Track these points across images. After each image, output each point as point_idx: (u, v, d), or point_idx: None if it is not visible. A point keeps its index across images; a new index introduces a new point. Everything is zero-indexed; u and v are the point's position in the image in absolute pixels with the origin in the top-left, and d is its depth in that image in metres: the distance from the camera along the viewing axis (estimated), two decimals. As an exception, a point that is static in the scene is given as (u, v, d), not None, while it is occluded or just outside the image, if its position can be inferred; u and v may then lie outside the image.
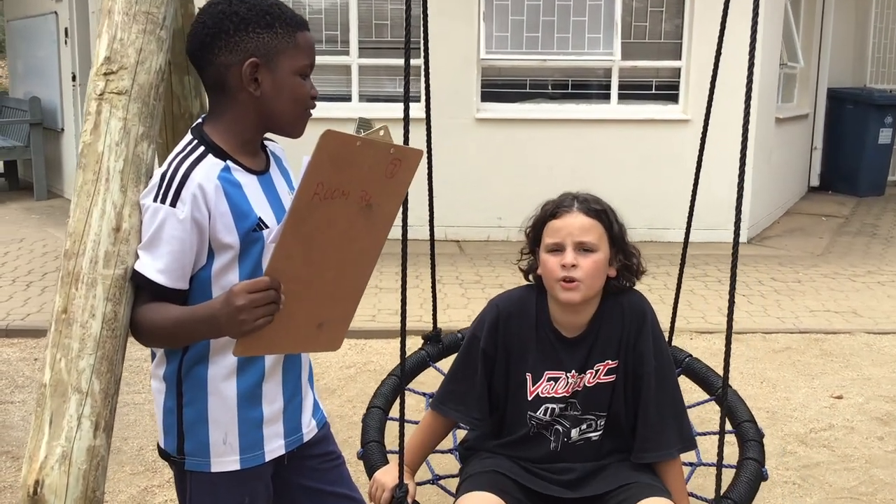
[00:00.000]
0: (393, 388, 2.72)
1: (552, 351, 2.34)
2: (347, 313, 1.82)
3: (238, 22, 1.77)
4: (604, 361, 2.34)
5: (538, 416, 2.36)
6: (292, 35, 1.81)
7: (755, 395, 4.58)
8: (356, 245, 1.73)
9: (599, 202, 2.34)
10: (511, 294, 2.45)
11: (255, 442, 1.92)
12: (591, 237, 2.25)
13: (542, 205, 2.38)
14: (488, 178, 7.98)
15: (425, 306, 5.93)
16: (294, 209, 1.57)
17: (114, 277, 1.76)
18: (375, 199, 1.69)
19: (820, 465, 3.84)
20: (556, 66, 8.15)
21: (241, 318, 1.59)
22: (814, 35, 10.20)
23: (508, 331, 2.36)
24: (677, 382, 2.43)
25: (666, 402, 2.35)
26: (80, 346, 1.73)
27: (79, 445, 1.71)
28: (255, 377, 1.90)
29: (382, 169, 1.67)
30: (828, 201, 10.24)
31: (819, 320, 5.84)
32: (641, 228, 7.97)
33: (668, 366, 2.38)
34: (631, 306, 2.35)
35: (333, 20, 8.02)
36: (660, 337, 2.38)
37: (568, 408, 2.35)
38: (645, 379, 2.33)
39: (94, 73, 1.84)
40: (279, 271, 1.60)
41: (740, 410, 2.70)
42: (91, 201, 1.78)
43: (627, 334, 2.34)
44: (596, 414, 2.36)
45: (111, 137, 1.80)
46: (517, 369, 2.36)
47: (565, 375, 2.34)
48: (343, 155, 1.57)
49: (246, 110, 1.81)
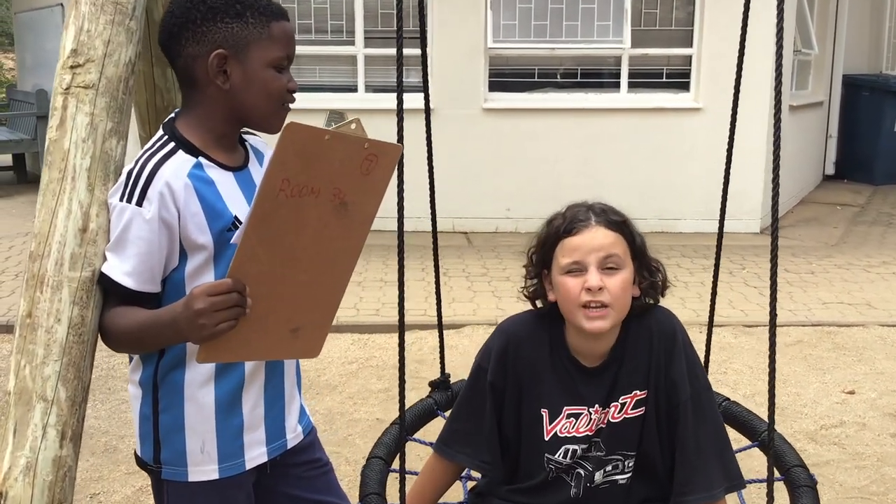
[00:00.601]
0: (395, 438, 2.46)
1: (571, 383, 2.05)
2: (326, 318, 1.72)
3: (206, 11, 1.68)
4: (631, 393, 2.03)
5: (557, 458, 2.06)
6: (265, 25, 1.71)
7: (765, 390, 4.47)
8: (332, 246, 1.63)
9: (617, 212, 2.03)
10: (520, 318, 2.14)
11: (234, 450, 1.85)
12: (617, 255, 1.95)
13: (548, 220, 2.06)
14: (496, 169, 7.89)
15: (430, 300, 5.86)
16: (256, 207, 1.47)
17: (80, 280, 1.69)
18: (350, 198, 1.59)
19: (830, 463, 3.74)
20: (564, 54, 8.04)
21: (201, 323, 1.50)
22: (828, 21, 10.03)
23: (519, 361, 2.07)
24: (717, 410, 2.13)
25: (706, 434, 2.03)
26: (45, 353, 1.66)
27: (44, 456, 1.64)
28: (235, 383, 1.82)
29: (357, 165, 1.56)
30: (843, 190, 10.09)
31: (832, 312, 5.73)
32: (652, 219, 7.87)
33: (705, 391, 2.07)
34: (659, 326, 2.05)
35: (339, 10, 7.94)
36: (694, 358, 2.06)
37: (591, 448, 2.06)
38: (681, 409, 2.01)
39: (61, 67, 1.76)
40: (243, 273, 1.51)
41: (788, 455, 2.43)
42: (56, 201, 1.70)
43: (657, 359, 2.03)
44: (623, 454, 2.06)
45: (77, 134, 1.72)
46: (531, 405, 2.07)
47: (587, 411, 2.04)
48: (310, 150, 1.47)
49: (216, 104, 1.72)
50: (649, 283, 2.03)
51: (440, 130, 7.70)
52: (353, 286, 6.11)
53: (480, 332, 5.24)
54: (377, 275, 6.36)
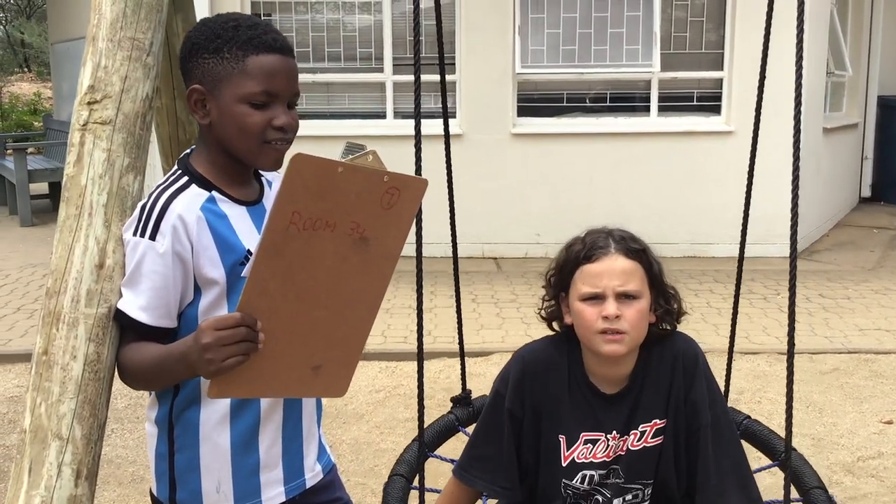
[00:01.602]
0: (417, 455, 2.45)
1: (589, 409, 2.06)
2: (350, 356, 1.66)
3: (190, 47, 1.69)
4: (650, 421, 2.04)
5: (574, 484, 2.08)
6: (240, 60, 1.66)
7: (800, 420, 4.38)
8: (352, 282, 1.57)
9: (637, 239, 2.03)
10: (538, 345, 2.15)
11: (251, 490, 1.82)
12: (634, 284, 1.96)
13: (568, 245, 2.07)
14: (526, 194, 7.86)
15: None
16: (265, 239, 1.43)
17: (97, 317, 1.68)
18: (371, 233, 1.53)
19: (868, 496, 3.63)
20: (593, 78, 8.02)
21: (208, 357, 1.47)
22: (862, 42, 9.92)
23: (537, 388, 2.08)
24: (737, 434, 2.14)
25: (726, 459, 2.04)
26: (60, 390, 1.65)
27: (59, 495, 1.62)
28: (251, 421, 1.79)
29: (377, 199, 1.50)
30: (879, 212, 9.93)
31: (869, 339, 5.60)
32: (684, 244, 7.79)
33: (724, 415, 2.08)
34: (680, 353, 2.05)
35: (368, 38, 7.99)
36: (713, 383, 2.08)
37: (610, 475, 2.07)
38: (701, 434, 2.03)
39: (78, 103, 1.76)
40: (254, 307, 1.47)
41: (808, 476, 2.40)
42: (73, 237, 1.70)
43: (678, 385, 2.04)
44: (643, 483, 2.08)
45: (94, 170, 1.72)
46: (549, 431, 2.08)
47: (605, 437, 2.05)
48: (321, 182, 1.42)
49: (212, 139, 1.73)
50: (665, 311, 2.04)
51: (469, 156, 7.76)
52: (382, 313, 6.06)
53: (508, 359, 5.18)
54: (406, 301, 6.34)
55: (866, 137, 10.33)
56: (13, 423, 4.47)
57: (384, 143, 7.94)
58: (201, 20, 1.74)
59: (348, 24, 8.04)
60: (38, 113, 17.92)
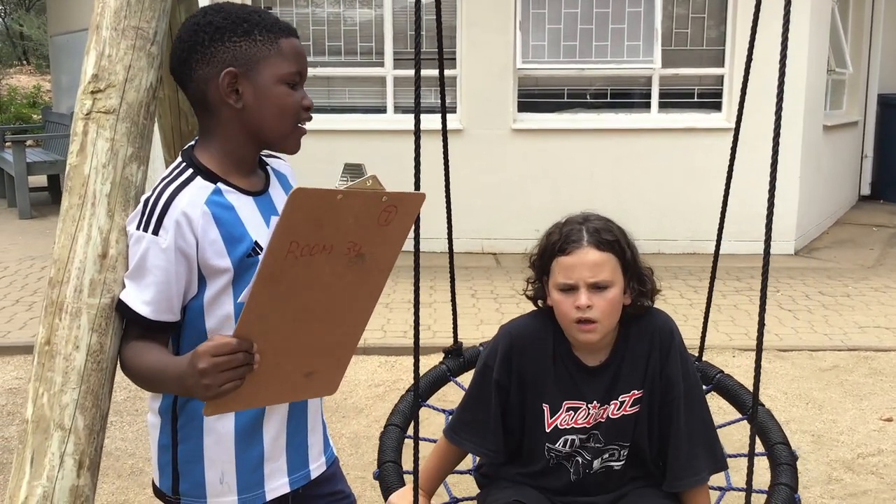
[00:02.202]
0: (411, 405, 2.60)
1: (571, 381, 2.20)
2: (342, 360, 1.66)
3: (213, 32, 1.66)
4: (629, 392, 2.20)
5: (557, 447, 2.23)
6: (274, 41, 1.69)
7: (800, 417, 4.38)
8: (347, 296, 1.56)
9: (610, 229, 2.15)
10: (524, 320, 2.29)
11: (254, 481, 1.82)
12: (605, 274, 2.09)
13: (548, 232, 2.21)
14: (526, 190, 7.84)
15: (459, 323, 5.81)
16: (263, 268, 1.41)
17: (100, 307, 1.67)
18: (367, 249, 1.52)
19: (868, 493, 3.63)
20: (594, 74, 8.00)
21: (205, 383, 1.44)
22: (863, 40, 9.91)
23: (523, 360, 2.22)
24: (706, 401, 2.30)
25: (696, 427, 2.22)
26: (63, 380, 1.64)
27: (61, 485, 1.62)
28: (255, 412, 1.79)
29: (374, 218, 1.49)
30: (879, 211, 9.93)
31: (869, 337, 5.60)
32: (684, 240, 7.79)
33: (696, 386, 2.26)
34: (658, 329, 2.21)
35: (368, 32, 7.96)
36: (686, 357, 2.25)
37: (590, 439, 2.23)
38: (674, 405, 2.20)
39: (82, 92, 1.75)
40: (251, 331, 1.45)
41: (773, 431, 2.52)
42: (76, 226, 1.69)
43: (654, 360, 2.20)
44: (619, 444, 2.24)
45: (97, 159, 1.71)
46: (534, 400, 2.22)
47: (586, 406, 2.20)
48: (321, 212, 1.40)
49: (232, 127, 1.70)
50: (638, 292, 2.17)
51: (469, 151, 7.74)
52: (381, 308, 6.08)
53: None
54: (405, 296, 6.33)
55: (866, 135, 10.32)
56: (12, 414, 4.46)
57: (384, 137, 7.96)
58: (208, 8, 1.71)
59: (349, 19, 8.02)
60: (37, 106, 17.88)
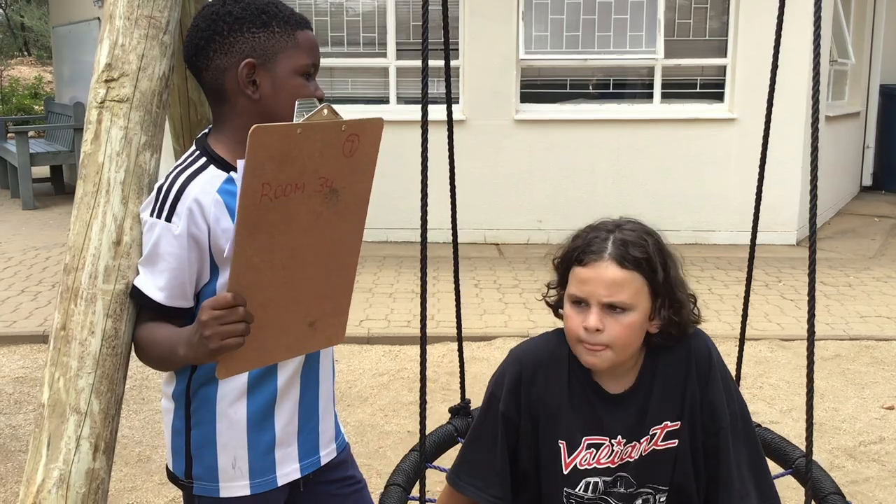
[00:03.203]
0: (414, 465, 2.43)
1: (591, 411, 1.89)
2: (342, 305, 1.70)
3: (232, 22, 1.68)
4: (661, 424, 1.88)
5: (577, 493, 1.91)
6: (291, 33, 1.72)
7: (802, 405, 4.41)
8: (331, 234, 1.60)
9: (642, 244, 1.81)
10: (536, 343, 1.98)
11: (266, 466, 1.84)
12: (624, 296, 1.77)
13: (574, 234, 1.90)
14: (528, 180, 7.87)
15: (463, 312, 5.84)
16: (241, 217, 1.43)
17: (114, 293, 1.69)
18: (339, 183, 1.55)
19: (869, 480, 3.66)
20: (597, 65, 8.01)
21: (206, 334, 1.47)
22: (865, 31, 9.91)
23: (535, 389, 1.91)
24: (753, 428, 1.97)
25: (746, 459, 1.91)
26: (78, 365, 1.66)
27: (77, 468, 1.64)
28: (267, 398, 1.81)
29: (338, 149, 1.52)
30: (881, 201, 9.94)
31: (870, 326, 5.63)
32: (686, 231, 7.80)
33: (742, 412, 1.93)
34: (693, 349, 1.89)
35: (371, 23, 7.97)
36: (729, 378, 1.93)
37: (617, 483, 1.91)
38: (721, 436, 1.88)
39: (95, 81, 1.77)
40: (243, 284, 1.48)
41: (825, 482, 2.35)
42: (91, 214, 1.71)
43: (692, 387, 1.88)
44: (654, 488, 1.91)
45: (112, 147, 1.73)
46: (548, 436, 1.91)
47: (609, 442, 1.88)
48: (284, 148, 1.42)
49: (246, 116, 1.72)
50: (669, 322, 1.84)
51: (472, 141, 7.76)
52: (385, 297, 6.11)
53: (511, 343, 5.16)
54: (408, 286, 6.36)
55: (868, 126, 10.33)
56: (19, 403, 4.49)
57: (387, 128, 7.94)
58: None
59: (351, 9, 8.02)
60: (39, 97, 17.88)
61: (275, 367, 1.79)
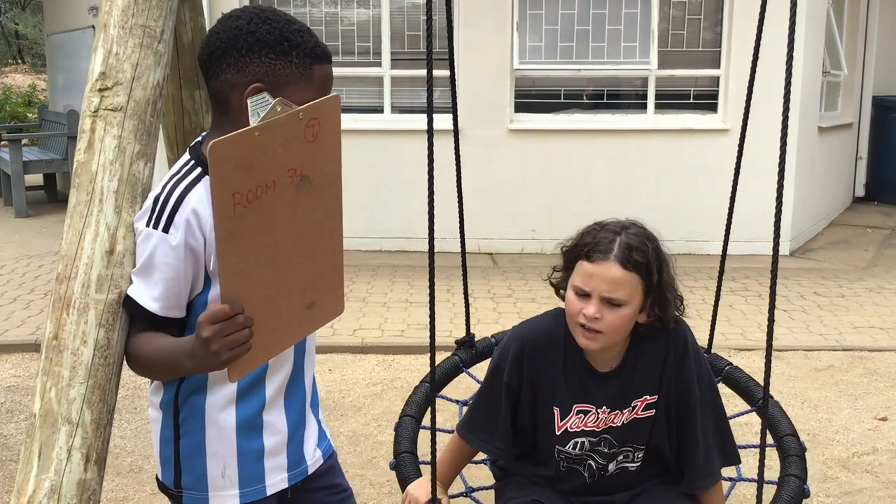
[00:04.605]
0: (425, 396, 2.63)
1: (582, 385, 2.18)
2: (336, 279, 1.71)
3: (252, 42, 1.66)
4: (641, 397, 2.18)
5: (567, 450, 2.22)
6: (308, 67, 1.69)
7: (795, 416, 4.40)
8: (311, 220, 1.60)
9: (643, 250, 2.07)
10: (536, 323, 2.27)
11: (255, 475, 1.83)
12: (622, 293, 2.04)
13: (584, 230, 2.16)
14: (522, 190, 7.87)
15: (455, 321, 5.84)
16: (219, 231, 1.42)
17: (107, 302, 1.69)
18: (308, 169, 1.55)
19: (863, 491, 3.66)
20: (591, 75, 8.03)
21: (214, 350, 1.48)
22: (858, 42, 9.95)
23: (534, 364, 2.20)
24: (720, 398, 2.29)
25: (712, 427, 2.23)
26: (70, 375, 1.66)
27: (68, 479, 1.63)
28: (256, 407, 1.81)
29: (300, 138, 1.52)
30: (873, 212, 9.97)
31: (863, 337, 5.64)
32: (679, 241, 7.80)
33: (710, 387, 2.25)
34: (672, 334, 2.17)
35: (366, 32, 7.98)
36: (701, 359, 2.23)
37: (601, 443, 2.21)
38: (692, 408, 2.18)
39: (89, 89, 1.77)
40: (236, 292, 1.47)
41: (782, 423, 2.54)
42: (84, 223, 1.71)
43: (670, 366, 2.17)
44: (633, 446, 2.22)
45: (105, 156, 1.73)
46: (544, 403, 2.21)
47: (595, 410, 2.19)
48: (246, 154, 1.42)
49: None
50: (656, 318, 2.12)
51: (466, 151, 7.67)
52: (378, 307, 6.10)
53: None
54: (402, 296, 6.35)
55: (861, 137, 10.36)
56: (10, 412, 4.47)
57: (381, 137, 7.96)
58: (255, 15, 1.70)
59: (346, 19, 8.03)
60: (33, 105, 17.85)
61: (263, 377, 1.80)
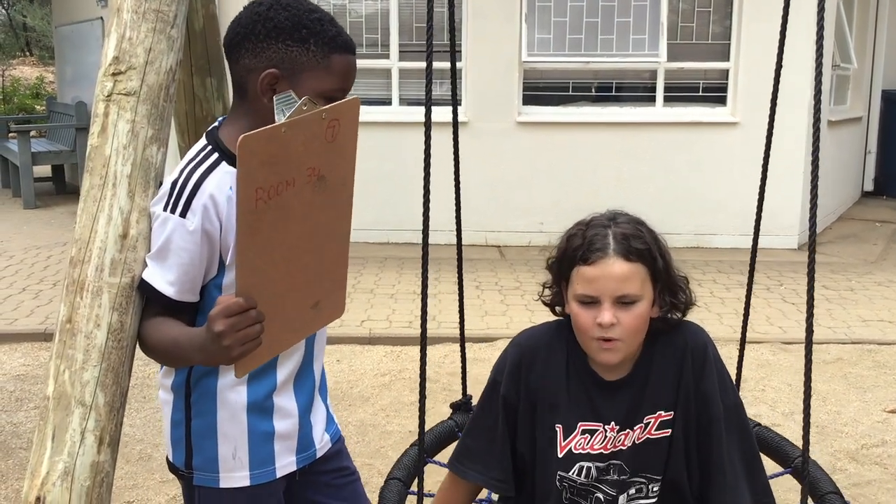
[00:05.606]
0: (415, 460, 2.41)
1: (587, 398, 1.93)
2: (340, 280, 1.72)
3: (270, 28, 1.66)
4: (655, 413, 1.92)
5: (571, 476, 1.95)
6: (326, 55, 1.68)
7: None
8: (323, 219, 1.61)
9: (640, 235, 1.86)
10: (537, 330, 2.04)
11: (266, 457, 1.84)
12: (633, 287, 1.82)
13: (568, 234, 1.92)
14: (530, 183, 7.87)
15: (466, 313, 5.83)
16: (240, 224, 1.43)
17: (120, 286, 1.69)
18: (325, 170, 1.57)
19: (872, 483, 3.66)
20: (599, 68, 8.02)
21: (226, 344, 1.47)
22: (867, 35, 9.92)
23: (534, 374, 1.97)
24: (748, 424, 2.00)
25: (739, 455, 1.93)
26: (84, 358, 1.66)
27: (82, 461, 1.64)
28: (267, 389, 1.82)
29: (321, 137, 1.53)
30: (882, 206, 9.95)
31: (872, 330, 5.62)
32: (688, 234, 7.80)
33: (736, 406, 1.96)
34: (689, 342, 1.93)
35: (374, 24, 7.98)
36: (724, 372, 1.95)
37: (610, 469, 1.94)
38: (714, 426, 1.90)
39: (102, 74, 1.77)
40: (251, 288, 1.48)
41: (823, 482, 2.35)
42: (97, 207, 1.71)
43: (687, 378, 1.91)
44: (647, 477, 1.94)
45: (118, 140, 1.73)
46: (545, 420, 1.96)
47: (603, 428, 1.92)
48: (272, 151, 1.43)
49: (261, 119, 1.70)
50: (670, 305, 1.91)
51: (474, 144, 7.77)
52: (386, 298, 6.11)
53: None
54: (410, 287, 6.35)
55: (870, 131, 10.33)
56: (20, 401, 4.48)
57: (389, 129, 7.96)
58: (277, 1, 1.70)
59: (354, 11, 8.03)
60: (41, 97, 17.89)
61: (274, 362, 1.80)
